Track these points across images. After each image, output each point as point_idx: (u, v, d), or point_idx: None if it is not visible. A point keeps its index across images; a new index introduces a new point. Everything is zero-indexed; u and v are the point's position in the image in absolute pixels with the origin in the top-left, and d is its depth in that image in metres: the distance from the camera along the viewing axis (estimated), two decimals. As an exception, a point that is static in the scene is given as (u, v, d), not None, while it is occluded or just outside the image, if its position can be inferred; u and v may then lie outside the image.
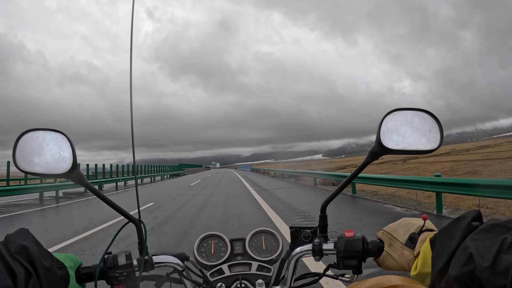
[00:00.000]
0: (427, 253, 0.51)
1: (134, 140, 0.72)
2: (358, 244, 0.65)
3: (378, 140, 0.63)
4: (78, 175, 0.63)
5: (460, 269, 0.40)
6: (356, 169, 0.67)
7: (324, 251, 0.69)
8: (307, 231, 0.73)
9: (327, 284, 2.84)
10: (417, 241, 0.57)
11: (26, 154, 0.61)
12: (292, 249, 0.73)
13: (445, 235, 0.48)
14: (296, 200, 9.17)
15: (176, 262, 0.71)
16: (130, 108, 0.68)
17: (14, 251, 0.49)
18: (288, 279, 0.72)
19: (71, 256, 0.63)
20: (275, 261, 0.79)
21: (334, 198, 0.71)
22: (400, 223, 0.64)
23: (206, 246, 0.82)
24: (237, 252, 0.80)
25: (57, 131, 0.63)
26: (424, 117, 0.64)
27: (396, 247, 0.62)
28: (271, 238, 0.84)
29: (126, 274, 0.65)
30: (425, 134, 0.63)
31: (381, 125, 0.64)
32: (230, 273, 0.75)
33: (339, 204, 7.92)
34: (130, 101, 0.68)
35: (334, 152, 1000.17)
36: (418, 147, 0.63)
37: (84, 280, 0.65)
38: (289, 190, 12.60)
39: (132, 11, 0.72)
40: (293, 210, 7.33)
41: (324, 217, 0.72)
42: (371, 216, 6.43)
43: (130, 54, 0.70)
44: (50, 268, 0.52)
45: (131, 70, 0.70)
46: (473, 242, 0.42)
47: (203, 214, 7.36)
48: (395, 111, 0.64)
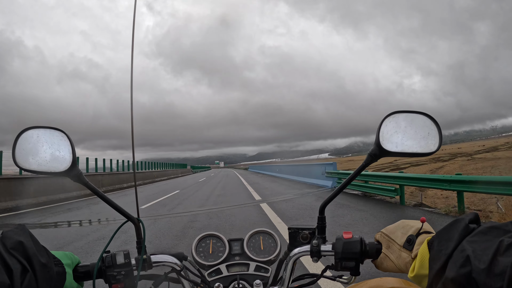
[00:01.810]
0: (424, 255, 0.51)
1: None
2: (356, 246, 0.65)
3: (377, 142, 0.64)
4: (78, 173, 0.63)
5: (457, 271, 0.41)
6: (355, 171, 0.67)
7: (322, 252, 0.69)
8: (306, 232, 0.73)
9: (324, 286, 2.84)
10: (415, 243, 0.58)
11: (26, 152, 0.61)
12: (290, 249, 0.73)
13: (443, 237, 0.49)
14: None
15: (174, 262, 0.72)
16: (131, 104, 0.68)
17: (10, 247, 0.50)
18: (286, 279, 0.72)
19: (68, 254, 0.63)
20: (273, 261, 0.79)
21: (333, 199, 0.71)
22: (398, 225, 0.64)
23: (204, 246, 0.82)
24: (235, 252, 0.80)
25: (57, 129, 0.63)
26: (423, 120, 0.64)
27: (394, 249, 0.62)
28: (269, 239, 0.84)
29: (124, 273, 0.65)
30: (424, 137, 0.64)
31: (380, 127, 0.64)
32: (228, 273, 0.76)
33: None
34: (130, 98, 0.68)
35: (341, 151, 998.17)
36: (417, 150, 0.63)
37: (82, 279, 0.65)
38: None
39: (134, 8, 0.72)
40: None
41: (323, 218, 0.72)
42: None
43: (131, 50, 0.70)
44: (46, 264, 0.52)
45: (132, 66, 0.70)
46: (470, 244, 0.43)
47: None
48: (394, 114, 0.65)
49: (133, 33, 0.70)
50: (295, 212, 7.01)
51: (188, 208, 8.47)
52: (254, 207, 8.11)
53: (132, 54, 0.70)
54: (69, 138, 0.63)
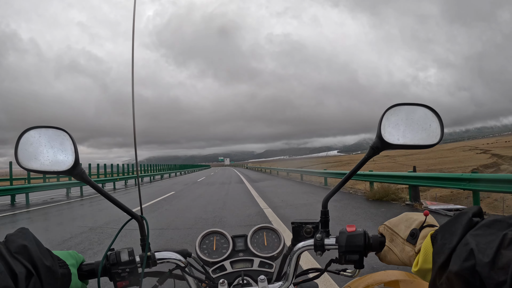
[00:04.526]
0: (428, 249, 0.51)
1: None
2: (359, 239, 0.65)
3: (379, 135, 0.63)
4: (81, 172, 0.63)
5: (460, 265, 0.41)
6: (357, 164, 0.67)
7: (326, 246, 0.69)
8: (309, 226, 0.73)
9: (329, 279, 2.85)
10: (418, 237, 0.57)
11: (28, 151, 0.61)
12: (294, 244, 0.73)
13: (446, 231, 0.48)
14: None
15: (178, 259, 0.72)
16: (132, 98, 0.68)
17: (14, 251, 0.49)
18: (290, 274, 0.73)
19: (72, 253, 0.63)
20: (276, 257, 0.80)
21: (335, 193, 0.71)
22: (401, 218, 0.64)
23: (208, 243, 0.82)
24: (239, 249, 0.81)
25: (59, 128, 0.63)
26: (425, 112, 0.64)
27: (397, 242, 0.62)
28: (273, 235, 0.84)
29: (128, 271, 0.66)
30: (425, 129, 0.63)
31: (382, 120, 0.64)
32: (232, 270, 0.76)
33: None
34: (131, 91, 0.68)
35: (350, 148, 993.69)
36: (419, 142, 0.63)
37: (87, 277, 0.65)
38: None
39: (134, 4, 0.71)
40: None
41: (326, 212, 0.72)
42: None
43: (132, 42, 0.69)
44: (51, 267, 0.52)
45: (133, 58, 0.69)
46: (474, 238, 0.42)
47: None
48: (396, 106, 0.64)
49: (133, 25, 0.69)
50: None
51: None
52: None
53: (133, 46, 0.70)
54: (71, 137, 0.63)
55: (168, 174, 36.24)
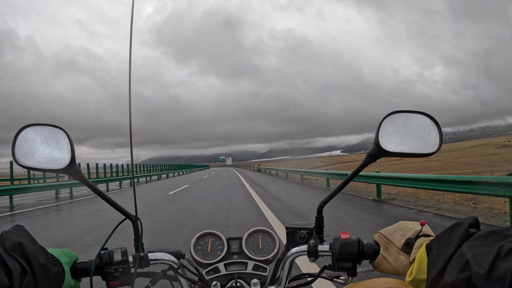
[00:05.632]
0: (422, 259, 0.51)
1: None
2: (353, 247, 0.65)
3: (376, 142, 0.63)
4: (77, 170, 0.63)
5: (456, 276, 0.40)
6: (354, 171, 0.67)
7: (319, 253, 0.69)
8: (303, 232, 0.73)
9: (321, 286, 2.84)
10: (413, 247, 0.57)
11: (25, 149, 0.61)
12: (287, 249, 0.73)
13: (442, 241, 0.48)
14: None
15: (171, 260, 0.72)
16: (129, 97, 0.68)
17: (9, 248, 0.50)
18: (283, 279, 0.72)
19: (66, 252, 0.63)
20: (271, 261, 0.79)
21: (331, 199, 0.70)
22: (397, 226, 0.64)
23: (203, 244, 0.82)
24: (233, 251, 0.80)
25: (56, 126, 0.63)
26: (424, 120, 0.64)
27: (392, 251, 0.61)
28: (268, 238, 0.84)
29: (121, 271, 0.65)
30: (424, 137, 0.63)
31: (380, 127, 0.63)
32: (225, 272, 0.75)
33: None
34: (129, 89, 0.68)
35: (353, 148, 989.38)
36: (417, 150, 0.63)
37: (80, 276, 0.65)
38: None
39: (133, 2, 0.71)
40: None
41: (321, 218, 0.72)
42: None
43: (130, 40, 0.69)
44: (45, 264, 0.52)
45: (130, 56, 0.69)
46: (470, 249, 0.42)
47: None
48: (394, 113, 0.64)
49: (131, 21, 0.69)
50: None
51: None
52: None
53: (130, 43, 0.69)
54: (68, 136, 0.63)
55: (157, 176, 32.54)
